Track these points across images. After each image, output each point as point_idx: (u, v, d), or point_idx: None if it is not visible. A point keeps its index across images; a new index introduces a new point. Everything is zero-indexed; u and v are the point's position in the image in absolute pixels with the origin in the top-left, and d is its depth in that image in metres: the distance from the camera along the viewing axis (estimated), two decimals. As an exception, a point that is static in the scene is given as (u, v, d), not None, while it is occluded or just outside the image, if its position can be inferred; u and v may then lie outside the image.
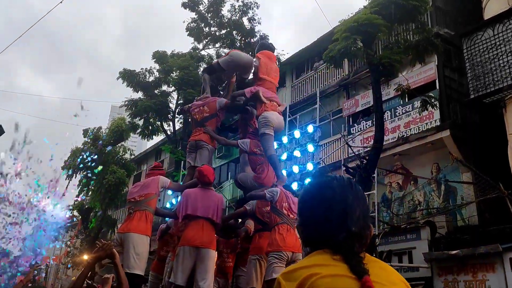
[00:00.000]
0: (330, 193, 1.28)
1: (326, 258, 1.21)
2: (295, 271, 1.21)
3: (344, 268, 1.18)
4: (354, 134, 12.91)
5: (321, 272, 1.17)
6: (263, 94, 5.34)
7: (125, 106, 20.17)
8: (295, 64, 17.34)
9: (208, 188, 4.98)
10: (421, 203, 11.40)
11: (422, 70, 11.62)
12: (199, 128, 5.73)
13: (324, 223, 1.25)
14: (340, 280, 1.15)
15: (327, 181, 1.32)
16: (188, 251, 4.58)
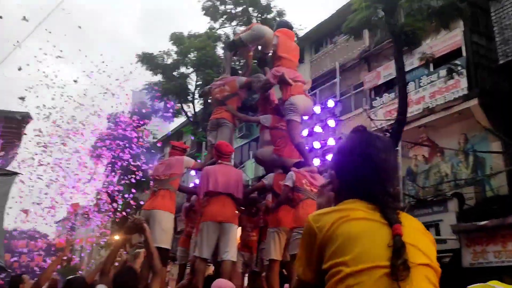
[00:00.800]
0: (375, 152, 1.32)
1: (359, 205, 1.26)
2: (326, 214, 1.27)
3: (377, 215, 1.23)
4: (377, 108, 12.64)
5: (352, 214, 1.22)
6: (287, 76, 5.17)
7: (145, 90, 20.32)
8: (314, 38, 17.00)
9: (228, 164, 5.05)
10: (448, 175, 11.14)
11: (447, 37, 11.18)
12: (220, 107, 5.79)
13: (366, 180, 1.30)
14: (372, 223, 1.22)
15: (371, 139, 1.35)
16: (212, 226, 4.67)
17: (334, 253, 1.19)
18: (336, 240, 1.19)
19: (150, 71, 19.92)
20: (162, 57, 20.02)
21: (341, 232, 1.20)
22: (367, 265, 1.14)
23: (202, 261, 4.69)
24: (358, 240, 1.18)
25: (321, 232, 1.23)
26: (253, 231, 5.64)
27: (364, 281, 1.13)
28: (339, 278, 1.15)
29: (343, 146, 1.41)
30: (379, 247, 1.17)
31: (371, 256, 1.16)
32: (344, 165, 1.37)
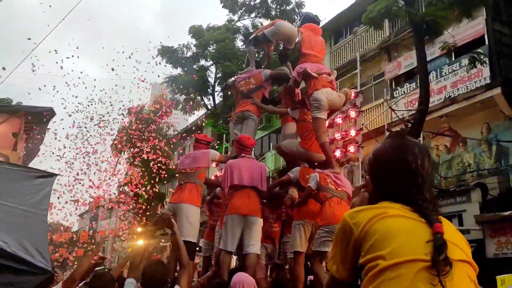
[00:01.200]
0: (411, 158, 1.32)
1: (396, 205, 1.27)
2: (362, 211, 1.28)
3: (415, 215, 1.24)
4: (398, 98, 12.54)
5: (390, 212, 1.24)
6: (310, 69, 5.10)
7: (165, 83, 20.51)
8: (333, 29, 16.87)
9: (250, 157, 5.08)
10: (471, 165, 11.02)
11: (469, 26, 11.01)
12: (246, 100, 5.80)
13: (402, 187, 1.31)
14: (410, 221, 1.23)
15: (408, 145, 1.36)
16: (236, 219, 4.73)
17: (371, 247, 1.20)
18: (373, 236, 1.20)
19: (170, 65, 20.10)
20: (181, 50, 20.17)
21: (379, 227, 1.21)
22: (406, 258, 1.15)
23: (227, 254, 4.73)
24: (396, 235, 1.19)
25: (357, 228, 1.24)
26: (275, 222, 5.66)
27: (403, 273, 1.14)
28: (376, 272, 1.16)
29: (379, 152, 1.41)
30: (417, 242, 1.18)
31: (409, 250, 1.16)
32: (379, 171, 1.38)
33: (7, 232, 2.17)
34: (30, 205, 2.53)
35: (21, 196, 2.58)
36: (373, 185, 1.41)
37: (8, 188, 2.60)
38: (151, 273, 2.89)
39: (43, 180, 2.84)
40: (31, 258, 2.10)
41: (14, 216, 2.39)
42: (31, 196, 2.62)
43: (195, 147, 5.41)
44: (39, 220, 2.48)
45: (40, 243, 2.28)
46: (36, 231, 2.37)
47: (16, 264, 2.04)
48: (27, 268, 2.07)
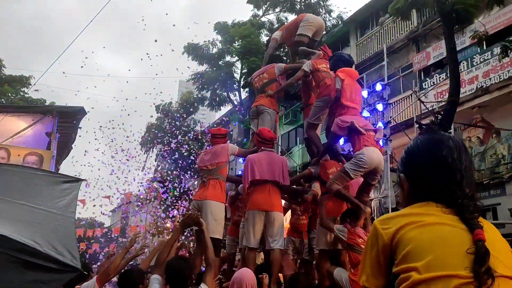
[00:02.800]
0: (449, 152, 1.26)
1: (433, 209, 1.21)
2: (393, 218, 1.22)
3: (453, 219, 1.17)
4: (427, 89, 12.27)
5: (425, 219, 1.17)
6: (358, 124, 4.42)
7: (192, 79, 20.72)
8: (359, 21, 16.63)
9: (270, 150, 4.98)
10: (505, 157, 10.69)
11: (501, 13, 10.65)
12: (261, 95, 5.79)
13: (439, 182, 1.24)
14: (448, 228, 1.15)
15: (443, 140, 1.29)
16: (258, 214, 4.68)
17: (404, 257, 1.13)
18: (408, 244, 1.14)
19: (196, 61, 20.28)
20: (207, 47, 20.31)
21: (414, 236, 1.15)
22: (442, 273, 1.08)
23: (251, 250, 4.69)
24: (432, 246, 1.12)
25: (388, 235, 1.18)
26: (303, 214, 5.59)
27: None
28: (408, 284, 1.10)
29: (412, 149, 1.36)
30: (456, 254, 1.10)
31: (446, 264, 1.09)
32: (414, 167, 1.32)
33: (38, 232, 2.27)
34: (58, 208, 2.63)
35: (49, 199, 2.67)
36: (408, 184, 1.34)
37: (36, 192, 2.70)
38: (175, 269, 2.87)
39: (69, 185, 2.93)
40: (61, 257, 2.20)
41: (43, 218, 2.49)
42: (59, 200, 2.71)
43: (213, 142, 5.36)
44: (67, 222, 2.57)
45: (69, 242, 2.38)
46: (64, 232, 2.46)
47: (47, 262, 2.14)
48: (58, 267, 2.17)
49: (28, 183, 2.75)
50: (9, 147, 10.68)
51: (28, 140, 11.36)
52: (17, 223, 2.30)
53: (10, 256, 2.05)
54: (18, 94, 22.04)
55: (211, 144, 5.51)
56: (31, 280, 2.08)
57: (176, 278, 2.84)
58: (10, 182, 2.67)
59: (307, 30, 5.90)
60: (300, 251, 5.59)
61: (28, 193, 2.63)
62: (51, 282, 2.15)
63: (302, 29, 5.93)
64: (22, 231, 2.17)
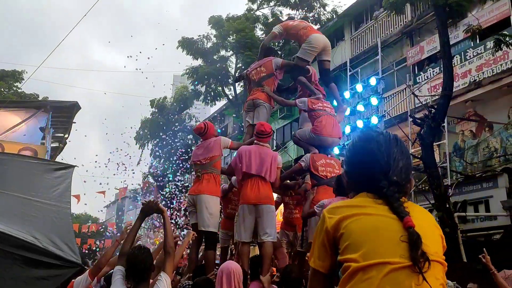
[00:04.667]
0: (376, 146, 1.41)
1: (368, 200, 1.35)
2: (339, 208, 1.37)
3: (385, 209, 1.31)
4: (421, 83, 12.32)
5: (364, 210, 1.32)
6: None
7: (187, 74, 20.67)
8: (354, 15, 16.64)
9: (264, 145, 4.95)
10: (498, 150, 10.79)
11: (494, 7, 10.70)
12: (257, 88, 5.77)
13: (369, 172, 1.39)
14: (382, 218, 1.29)
15: (374, 136, 1.45)
16: (247, 208, 4.68)
17: (347, 247, 1.27)
18: (349, 236, 1.27)
19: (191, 56, 20.21)
20: (201, 41, 20.26)
21: (354, 228, 1.28)
22: (377, 261, 1.21)
23: (244, 244, 4.69)
24: (368, 237, 1.25)
25: (334, 225, 1.32)
26: (295, 208, 5.60)
27: (372, 276, 1.20)
28: (349, 273, 1.24)
29: (348, 146, 1.53)
30: (389, 243, 1.24)
31: (380, 253, 1.22)
32: (350, 162, 1.49)
33: (36, 227, 2.25)
34: (53, 198, 2.58)
35: (43, 189, 2.62)
36: (347, 177, 1.51)
37: (30, 182, 2.65)
38: (135, 260, 2.81)
39: (62, 172, 2.86)
40: (61, 252, 2.19)
41: (39, 210, 2.45)
42: (53, 190, 2.66)
43: (204, 138, 5.31)
44: (63, 213, 2.54)
45: (68, 236, 2.35)
46: (62, 225, 2.43)
47: (48, 258, 2.12)
48: (59, 262, 2.16)
49: (21, 173, 2.70)
50: (2, 142, 10.66)
51: (22, 135, 11.33)
52: (14, 217, 2.28)
53: (11, 253, 2.04)
54: (11, 89, 21.90)
55: (203, 139, 5.47)
56: (33, 276, 2.06)
57: (136, 268, 2.78)
58: (3, 172, 2.63)
59: (307, 55, 5.67)
60: (294, 244, 5.59)
61: (22, 184, 2.59)
62: (53, 278, 2.15)
63: (302, 53, 5.70)
64: (20, 226, 2.16)
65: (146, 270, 2.80)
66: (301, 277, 3.67)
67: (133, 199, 36.59)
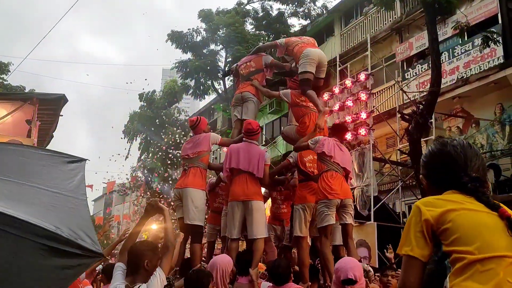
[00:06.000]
0: (453, 149, 1.56)
1: (461, 197, 1.46)
2: (436, 200, 1.47)
3: (481, 206, 1.42)
4: (409, 79, 12.41)
5: (463, 206, 1.42)
6: None
7: (176, 68, 20.55)
8: (343, 10, 16.67)
9: (252, 142, 4.97)
10: (484, 146, 10.93)
11: (482, 4, 10.80)
12: (246, 82, 5.77)
13: (450, 171, 1.53)
14: (484, 214, 1.40)
15: (448, 141, 1.60)
16: (236, 205, 4.71)
17: (456, 240, 1.36)
18: (458, 229, 1.37)
19: (180, 49, 20.09)
20: (191, 35, 20.14)
21: (462, 221, 1.38)
22: (493, 254, 1.31)
23: (233, 241, 4.71)
24: (479, 231, 1.35)
25: (433, 217, 1.41)
26: (283, 203, 5.64)
27: (493, 267, 1.29)
28: (464, 264, 1.32)
29: (426, 153, 1.67)
30: (499, 237, 1.34)
31: (494, 247, 1.32)
32: (429, 165, 1.64)
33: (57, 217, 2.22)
34: (70, 190, 2.55)
35: (60, 181, 2.59)
36: (427, 181, 1.65)
37: (47, 174, 2.63)
38: (133, 253, 2.83)
39: (75, 165, 2.84)
40: (84, 242, 2.16)
41: (58, 201, 2.41)
42: (69, 182, 2.63)
43: (195, 132, 5.36)
44: (81, 205, 2.51)
45: (88, 227, 2.32)
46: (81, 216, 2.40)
47: (71, 248, 2.10)
48: (82, 252, 2.14)
49: (35, 164, 2.67)
50: (-12, 134, 10.48)
51: (7, 128, 11.16)
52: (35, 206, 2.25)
53: (35, 243, 2.02)
54: (-4, 81, 21.55)
55: (193, 133, 5.49)
56: (58, 265, 2.06)
57: (132, 261, 2.81)
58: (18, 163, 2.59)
59: (308, 66, 5.31)
60: (281, 238, 5.64)
61: (41, 175, 2.55)
62: (76, 267, 2.14)
63: (304, 66, 5.33)
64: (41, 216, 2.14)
65: (141, 263, 2.80)
66: (289, 271, 3.70)
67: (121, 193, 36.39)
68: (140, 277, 2.77)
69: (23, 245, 2.00)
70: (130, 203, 35.17)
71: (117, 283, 2.83)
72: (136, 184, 29.85)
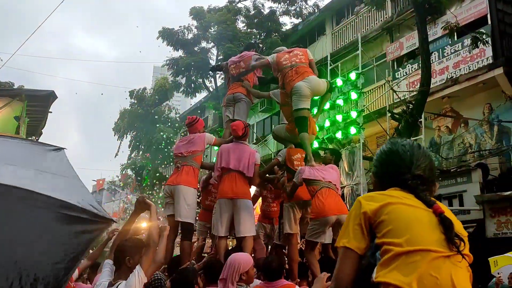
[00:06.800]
0: (401, 148, 1.61)
1: (400, 193, 1.50)
2: (377, 195, 1.51)
3: (419, 202, 1.46)
4: (399, 79, 12.49)
5: (401, 201, 1.46)
6: None
7: (167, 65, 20.44)
8: (335, 9, 16.71)
9: (242, 142, 5.00)
10: (472, 146, 11.05)
11: (472, 5, 10.90)
12: (237, 83, 5.80)
13: (395, 169, 1.58)
14: (419, 209, 1.45)
15: (398, 142, 1.66)
16: (224, 203, 4.72)
17: (388, 232, 1.39)
18: (392, 221, 1.40)
19: (171, 47, 19.98)
20: (182, 32, 20.04)
21: (397, 215, 1.42)
22: (420, 247, 1.34)
23: (221, 239, 4.71)
24: (411, 224, 1.39)
25: (372, 210, 1.45)
26: (274, 201, 5.67)
27: (418, 260, 1.33)
28: (392, 255, 1.36)
29: (378, 151, 1.72)
30: (429, 232, 1.38)
31: (422, 241, 1.36)
32: (378, 162, 1.68)
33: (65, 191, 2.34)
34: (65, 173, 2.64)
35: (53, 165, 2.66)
36: (375, 179, 1.71)
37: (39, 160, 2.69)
38: (117, 249, 2.86)
39: (57, 153, 2.93)
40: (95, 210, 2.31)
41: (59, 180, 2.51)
42: (59, 165, 2.72)
43: (190, 130, 5.36)
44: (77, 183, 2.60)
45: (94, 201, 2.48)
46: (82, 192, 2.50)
47: (86, 215, 2.24)
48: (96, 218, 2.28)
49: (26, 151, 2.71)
50: (-24, 131, 10.36)
51: (-5, 124, 11.04)
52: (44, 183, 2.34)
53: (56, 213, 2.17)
54: (-16, 77, 21.27)
55: (189, 132, 5.49)
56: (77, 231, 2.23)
57: (116, 258, 2.84)
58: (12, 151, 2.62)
59: (302, 104, 4.93)
60: (271, 237, 5.68)
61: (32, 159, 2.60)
62: (93, 232, 2.29)
63: (295, 103, 4.96)
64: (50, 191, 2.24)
65: (123, 259, 2.80)
66: (282, 267, 3.71)
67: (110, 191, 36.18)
68: (123, 274, 2.76)
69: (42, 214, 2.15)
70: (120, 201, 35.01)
71: (102, 280, 2.84)
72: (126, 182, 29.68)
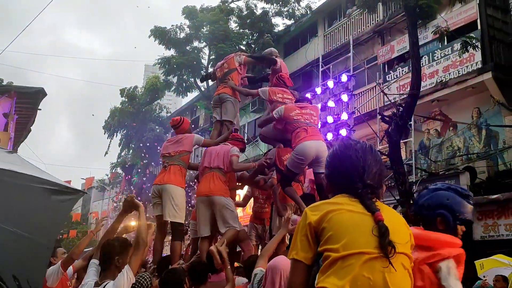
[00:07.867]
0: (354, 153, 1.61)
1: (345, 199, 1.54)
2: (320, 205, 1.55)
3: (361, 207, 1.50)
4: (390, 82, 12.58)
5: (343, 207, 1.50)
6: None
7: (159, 64, 20.36)
8: (327, 11, 16.78)
9: (226, 144, 5.02)
10: (461, 149, 11.17)
11: (462, 10, 11.02)
12: (222, 84, 5.83)
13: (347, 175, 1.58)
14: (359, 215, 1.49)
15: (352, 144, 1.65)
16: (201, 201, 4.69)
17: (328, 239, 1.45)
18: (331, 228, 1.45)
19: (163, 46, 19.91)
20: (174, 31, 19.97)
21: (336, 221, 1.46)
22: (355, 251, 1.39)
23: (203, 240, 4.65)
24: (347, 230, 1.44)
25: (316, 220, 1.49)
26: (265, 202, 5.63)
27: (352, 263, 1.38)
28: (330, 261, 1.41)
29: (331, 152, 1.73)
30: (365, 236, 1.42)
31: (358, 244, 1.41)
32: (330, 166, 1.68)
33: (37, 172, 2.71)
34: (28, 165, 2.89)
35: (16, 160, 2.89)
36: (327, 182, 1.71)
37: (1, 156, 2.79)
38: (103, 249, 2.85)
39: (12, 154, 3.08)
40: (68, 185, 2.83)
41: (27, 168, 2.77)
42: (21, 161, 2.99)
43: (177, 132, 5.33)
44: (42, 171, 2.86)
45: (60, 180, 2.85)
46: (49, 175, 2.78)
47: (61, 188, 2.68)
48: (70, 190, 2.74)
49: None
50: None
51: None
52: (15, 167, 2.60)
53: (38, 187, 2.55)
54: (-27, 73, 21.05)
55: (176, 133, 5.45)
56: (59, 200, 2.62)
57: (103, 258, 2.82)
58: None
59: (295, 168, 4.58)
60: (262, 237, 5.62)
61: None
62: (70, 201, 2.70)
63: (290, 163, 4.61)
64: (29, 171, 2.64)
65: (110, 259, 2.78)
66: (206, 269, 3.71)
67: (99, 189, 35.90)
68: (111, 274, 2.75)
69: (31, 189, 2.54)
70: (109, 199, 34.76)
71: (88, 280, 2.82)
72: (116, 181, 29.48)
